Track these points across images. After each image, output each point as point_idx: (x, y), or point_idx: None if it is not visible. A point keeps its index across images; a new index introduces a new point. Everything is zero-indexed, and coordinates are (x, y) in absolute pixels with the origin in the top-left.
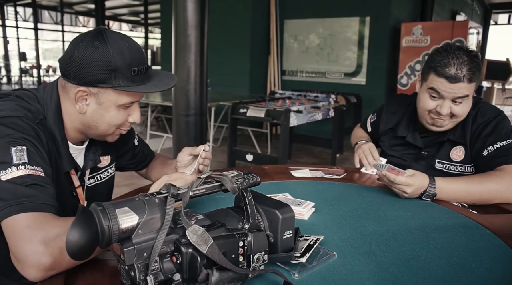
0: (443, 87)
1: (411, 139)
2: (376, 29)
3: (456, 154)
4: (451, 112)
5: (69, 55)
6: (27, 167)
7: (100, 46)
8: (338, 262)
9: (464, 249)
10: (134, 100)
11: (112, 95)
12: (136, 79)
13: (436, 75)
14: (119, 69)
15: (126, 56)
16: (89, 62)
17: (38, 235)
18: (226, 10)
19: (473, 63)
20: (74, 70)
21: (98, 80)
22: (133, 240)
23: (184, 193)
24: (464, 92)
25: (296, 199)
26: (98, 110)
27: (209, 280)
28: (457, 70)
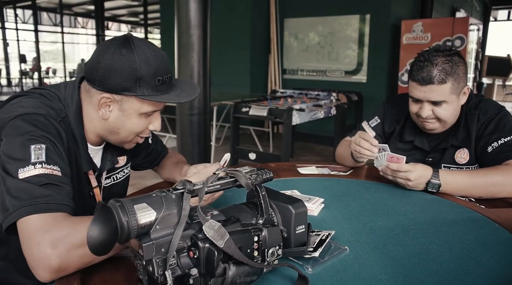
0: (416, 91)
1: (418, 143)
2: (376, 27)
3: (461, 156)
4: (436, 116)
5: (95, 61)
6: (44, 166)
7: (126, 54)
8: (350, 256)
9: (474, 242)
10: (157, 109)
11: (135, 103)
12: (160, 88)
13: (411, 80)
14: (144, 77)
15: (151, 65)
16: (115, 69)
17: (46, 238)
18: (226, 9)
19: (447, 63)
20: (100, 77)
21: (123, 88)
22: (151, 235)
23: (200, 189)
24: (438, 95)
25: (305, 196)
26: (120, 117)
27: (226, 274)
28: (427, 72)
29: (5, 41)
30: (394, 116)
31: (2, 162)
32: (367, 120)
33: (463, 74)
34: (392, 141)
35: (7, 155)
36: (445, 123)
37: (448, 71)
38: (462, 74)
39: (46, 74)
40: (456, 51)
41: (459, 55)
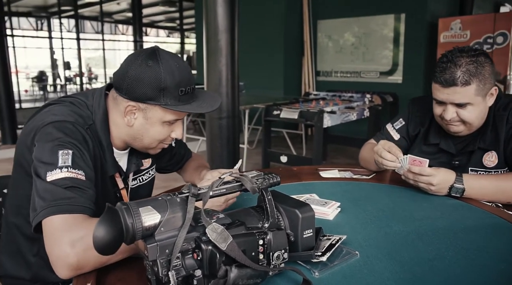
0: (439, 93)
1: (444, 146)
2: (412, 26)
3: (489, 160)
4: (460, 118)
5: (124, 71)
6: (70, 170)
7: (152, 65)
8: (360, 261)
9: (493, 249)
10: (179, 118)
11: (159, 112)
12: (183, 99)
13: (434, 82)
14: (168, 88)
15: (175, 77)
16: (141, 79)
17: (66, 237)
18: (259, 13)
19: (472, 64)
20: (127, 86)
21: (148, 97)
22: (156, 237)
23: (205, 193)
24: (462, 97)
25: (322, 199)
26: (144, 124)
27: (228, 276)
28: (450, 74)
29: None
30: (419, 118)
31: (34, 166)
32: (392, 122)
33: (489, 74)
34: (417, 143)
35: (38, 159)
36: (471, 125)
37: (472, 72)
38: (489, 75)
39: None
40: (482, 51)
41: (485, 55)
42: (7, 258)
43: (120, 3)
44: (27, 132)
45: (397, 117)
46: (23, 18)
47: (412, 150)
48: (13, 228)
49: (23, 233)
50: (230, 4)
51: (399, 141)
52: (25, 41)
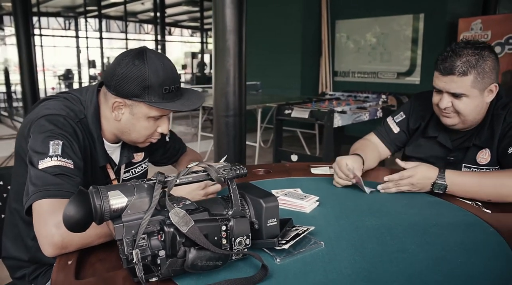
0: (437, 80)
1: (442, 139)
2: (431, 26)
3: (482, 157)
4: (455, 109)
5: (112, 69)
6: (59, 159)
7: (139, 65)
8: (324, 251)
9: (457, 244)
10: (163, 114)
11: (144, 108)
12: (167, 97)
13: (435, 70)
14: (152, 86)
15: (160, 76)
16: (128, 77)
17: (52, 219)
18: (277, 13)
19: (474, 56)
20: (115, 83)
21: (133, 94)
22: (123, 218)
23: (171, 180)
24: (458, 87)
25: (302, 193)
26: (130, 120)
27: (187, 256)
28: (450, 63)
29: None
30: (420, 112)
31: (29, 155)
32: (393, 115)
33: (490, 70)
34: (415, 137)
35: (32, 149)
36: (465, 119)
37: (472, 64)
38: (489, 70)
39: None
40: (487, 45)
41: (491, 50)
42: (10, 241)
43: (145, 3)
44: (24, 125)
45: (398, 110)
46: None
47: (410, 143)
48: (15, 214)
49: (22, 218)
50: (238, 5)
51: (398, 134)
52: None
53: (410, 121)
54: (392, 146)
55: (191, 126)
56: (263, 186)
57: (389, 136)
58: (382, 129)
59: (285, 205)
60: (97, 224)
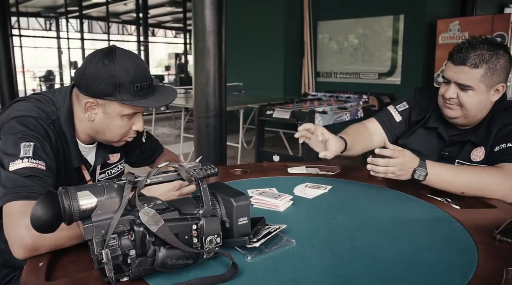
0: (448, 70)
1: (442, 131)
2: (411, 27)
3: (476, 154)
4: (459, 101)
5: (83, 69)
6: (30, 161)
7: (108, 64)
8: (295, 248)
9: (425, 240)
10: (137, 111)
11: (116, 107)
12: (139, 94)
13: (448, 60)
14: (123, 84)
15: (130, 74)
16: (98, 77)
17: (23, 221)
18: (260, 14)
19: (488, 51)
20: (85, 83)
21: (105, 93)
22: (92, 218)
23: (141, 180)
24: (466, 79)
25: (276, 193)
26: (104, 119)
27: (156, 255)
28: (464, 53)
29: (59, 49)
30: (425, 105)
31: (0, 157)
32: (395, 104)
33: (501, 68)
34: (413, 129)
35: (2, 151)
36: (467, 113)
37: (485, 59)
38: (500, 68)
39: None
40: (504, 45)
41: (506, 50)
42: None
43: (127, 4)
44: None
45: (400, 100)
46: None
47: (407, 134)
48: None
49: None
50: (218, 6)
51: (399, 123)
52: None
53: (413, 113)
54: (391, 135)
55: (174, 127)
56: (239, 186)
57: (390, 123)
58: (383, 115)
59: (260, 204)
60: (66, 224)
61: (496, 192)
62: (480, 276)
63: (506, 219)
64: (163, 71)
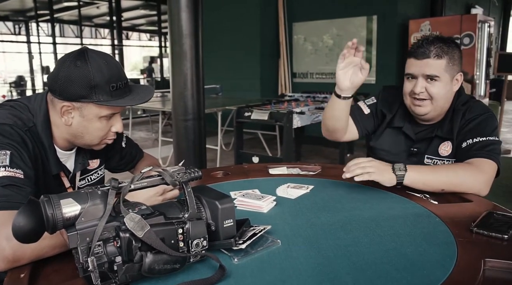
0: (412, 66)
1: (407, 129)
2: (383, 28)
3: (444, 149)
4: (428, 93)
5: (55, 73)
6: (7, 169)
7: (81, 66)
8: (281, 248)
9: (406, 235)
10: (115, 112)
11: (93, 109)
12: (115, 94)
13: (408, 58)
14: (98, 85)
15: (104, 74)
16: (72, 80)
17: (2, 232)
18: (235, 16)
19: (444, 43)
20: (59, 87)
21: (80, 96)
22: (76, 226)
23: (125, 186)
24: (433, 70)
25: (259, 194)
26: (82, 122)
27: (143, 261)
28: (424, 47)
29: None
30: (388, 104)
31: None
32: (364, 100)
33: (458, 58)
34: (380, 130)
35: None
36: (437, 105)
37: (444, 50)
38: (457, 58)
39: None
40: (454, 40)
41: (456, 44)
42: None
43: (100, 7)
44: None
45: (369, 96)
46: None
47: (375, 135)
48: None
49: None
50: (194, 9)
51: (368, 116)
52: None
53: (378, 106)
54: (360, 128)
55: (152, 131)
56: (221, 188)
57: (360, 117)
58: (354, 109)
59: (243, 206)
60: (50, 233)
61: (472, 187)
62: (460, 267)
63: (481, 213)
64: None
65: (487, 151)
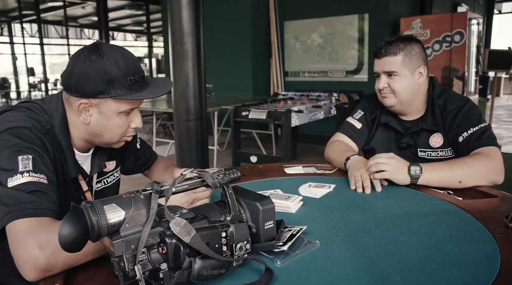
0: (375, 66)
1: (393, 124)
2: (375, 26)
3: (435, 140)
4: (391, 88)
5: (69, 70)
6: (31, 175)
7: (96, 60)
8: (320, 249)
9: (442, 232)
10: (134, 106)
11: (112, 104)
12: (133, 87)
13: (374, 59)
14: (116, 79)
15: (121, 67)
16: (88, 75)
17: (33, 240)
18: (226, 15)
19: (402, 41)
20: (75, 84)
21: (98, 92)
22: (121, 233)
23: (167, 189)
24: (390, 66)
25: (285, 194)
26: (101, 120)
27: (192, 267)
28: (384, 48)
29: (14, 55)
30: (373, 106)
31: None
32: (351, 114)
33: (416, 53)
34: (373, 129)
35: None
36: (401, 98)
37: (400, 47)
38: (416, 54)
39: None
40: (415, 38)
41: (418, 41)
42: None
43: (85, 7)
44: None
45: (355, 110)
46: None
47: (369, 138)
48: None
49: None
50: (195, 7)
51: (361, 129)
52: None
53: (366, 115)
54: (358, 143)
55: (143, 132)
56: None
57: (354, 132)
58: (346, 127)
59: None
60: (93, 241)
61: (488, 175)
62: (506, 264)
63: (508, 207)
64: None
65: (486, 139)
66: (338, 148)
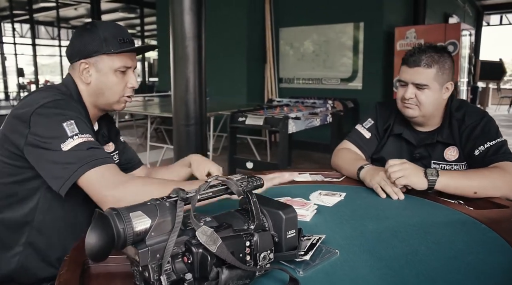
0: (404, 73)
1: (407, 135)
2: (370, 34)
3: (450, 154)
4: (417, 99)
5: (70, 43)
6: (80, 136)
7: (90, 28)
8: (340, 259)
9: (461, 243)
10: (127, 65)
11: (106, 61)
12: (123, 46)
13: (402, 65)
14: (107, 39)
15: (111, 31)
16: (84, 39)
17: (110, 182)
18: (221, 20)
19: (436, 52)
20: (76, 50)
21: (93, 51)
22: (147, 242)
23: (192, 196)
24: (422, 79)
25: (299, 201)
26: (99, 78)
27: (219, 278)
28: (417, 57)
29: (3, 55)
30: (386, 117)
31: (41, 145)
32: (361, 122)
33: (449, 68)
34: (384, 138)
35: (44, 137)
36: (425, 111)
37: (435, 59)
38: (448, 68)
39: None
40: (447, 50)
41: (449, 53)
42: None
43: (78, 9)
44: (15, 123)
45: (365, 117)
46: None
47: (380, 146)
48: None
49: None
50: (197, 11)
51: (370, 139)
52: None
53: (378, 125)
54: (366, 152)
55: (136, 136)
56: None
57: (362, 141)
58: (354, 136)
59: None
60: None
61: (503, 189)
62: None
63: None
64: None
65: (503, 154)
66: (347, 156)
